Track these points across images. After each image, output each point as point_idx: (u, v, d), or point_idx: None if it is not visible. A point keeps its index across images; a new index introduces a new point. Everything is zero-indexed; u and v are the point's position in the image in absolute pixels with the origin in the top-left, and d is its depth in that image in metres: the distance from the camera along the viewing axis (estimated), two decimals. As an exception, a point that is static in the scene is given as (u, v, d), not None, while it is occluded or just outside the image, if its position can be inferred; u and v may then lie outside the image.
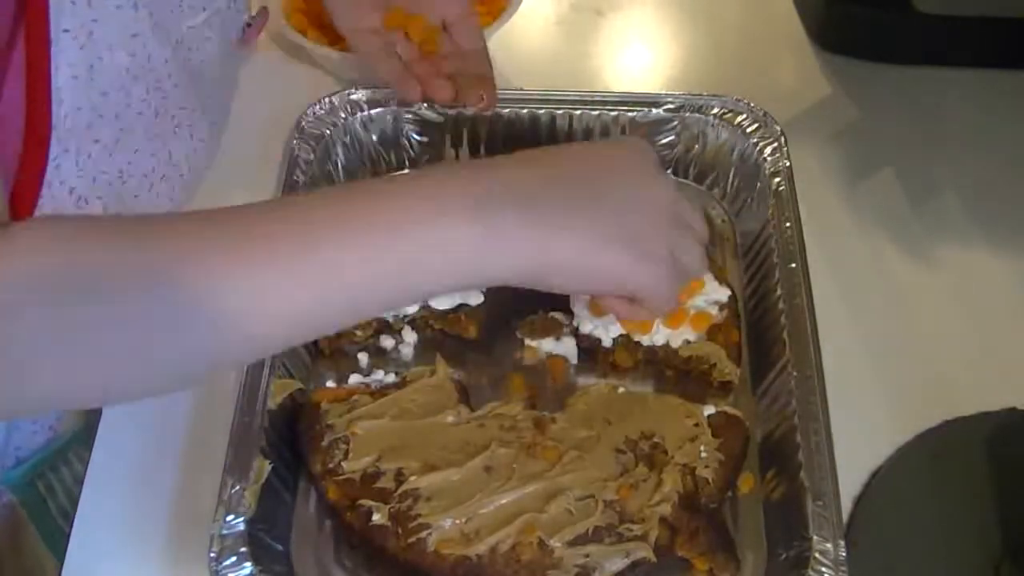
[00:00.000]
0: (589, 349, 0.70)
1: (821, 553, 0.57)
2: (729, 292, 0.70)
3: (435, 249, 0.48)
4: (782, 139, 0.75)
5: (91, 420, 0.69)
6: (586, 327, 0.69)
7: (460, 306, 0.70)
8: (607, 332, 0.68)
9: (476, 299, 0.70)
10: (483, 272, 0.50)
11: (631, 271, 0.52)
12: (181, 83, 0.65)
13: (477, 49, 0.77)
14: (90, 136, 0.57)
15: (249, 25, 0.83)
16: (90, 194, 0.59)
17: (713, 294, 0.69)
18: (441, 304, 0.69)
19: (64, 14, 0.52)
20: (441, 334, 0.71)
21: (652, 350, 0.68)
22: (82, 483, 0.66)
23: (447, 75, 0.74)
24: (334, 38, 0.85)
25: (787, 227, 0.71)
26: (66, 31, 0.52)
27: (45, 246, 0.43)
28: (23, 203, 0.54)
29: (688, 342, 0.68)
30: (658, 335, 0.68)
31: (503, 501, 0.60)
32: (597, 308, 0.68)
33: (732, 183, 0.78)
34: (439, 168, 0.57)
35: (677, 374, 0.69)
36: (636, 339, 0.68)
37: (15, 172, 0.53)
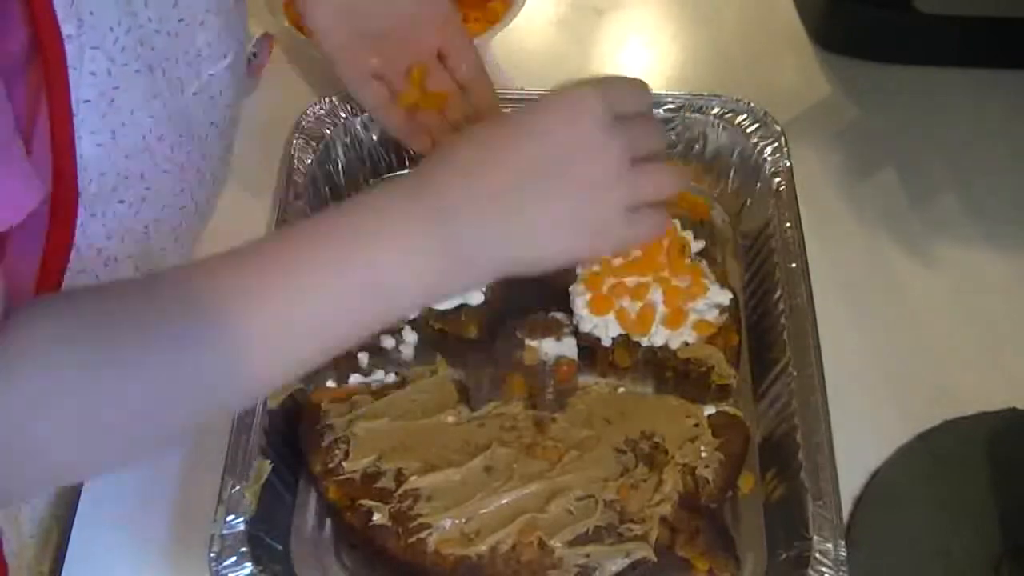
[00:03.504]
0: (589, 349, 0.70)
1: (821, 553, 0.57)
2: (731, 295, 0.70)
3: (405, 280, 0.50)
4: (782, 139, 0.75)
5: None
6: (586, 327, 0.69)
7: (460, 306, 0.70)
8: (607, 332, 0.68)
9: (476, 299, 0.70)
10: (444, 294, 0.58)
11: (586, 248, 0.55)
12: (203, 135, 0.64)
13: (481, 85, 0.75)
14: (115, 198, 0.58)
15: (255, 55, 0.82)
16: (119, 252, 0.59)
17: (715, 297, 0.69)
18: (441, 304, 0.69)
19: (83, 86, 0.52)
20: (441, 334, 0.71)
21: (651, 350, 0.68)
22: None
23: (454, 121, 0.73)
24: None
25: (787, 227, 0.71)
26: (87, 102, 0.52)
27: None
28: (52, 268, 0.55)
29: (687, 344, 0.68)
30: (657, 336, 0.68)
31: (503, 501, 0.60)
32: (597, 307, 0.69)
33: (732, 183, 0.78)
34: (390, 202, 0.57)
35: (676, 375, 0.69)
36: (635, 339, 0.68)
37: (43, 239, 0.54)
